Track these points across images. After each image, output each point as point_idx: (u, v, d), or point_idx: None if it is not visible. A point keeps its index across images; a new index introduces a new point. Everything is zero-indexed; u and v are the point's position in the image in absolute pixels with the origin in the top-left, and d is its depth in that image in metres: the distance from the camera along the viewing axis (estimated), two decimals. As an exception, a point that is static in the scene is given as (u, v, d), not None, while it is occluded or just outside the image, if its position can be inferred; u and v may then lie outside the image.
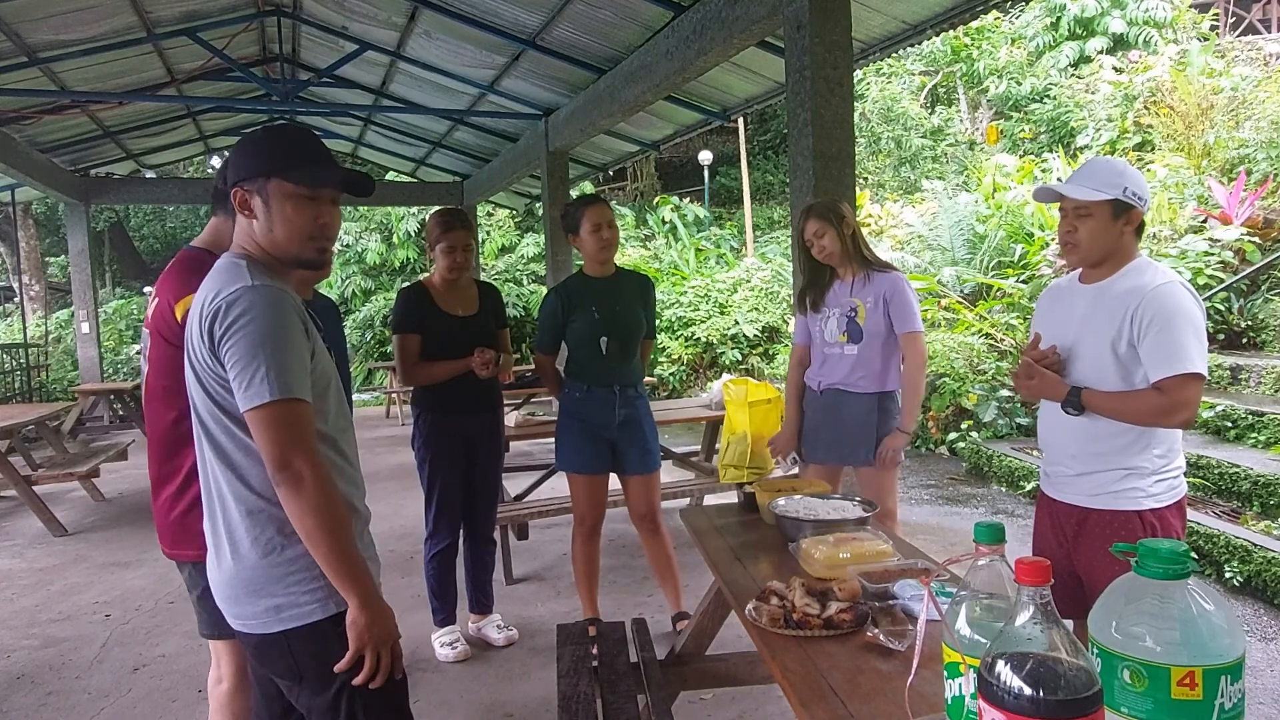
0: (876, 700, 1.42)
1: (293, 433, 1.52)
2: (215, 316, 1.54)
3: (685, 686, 2.83)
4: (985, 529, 1.17)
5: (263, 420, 1.51)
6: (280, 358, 1.53)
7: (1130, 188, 2.14)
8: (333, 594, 1.60)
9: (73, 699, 3.41)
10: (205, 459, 1.65)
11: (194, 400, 1.64)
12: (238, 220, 1.67)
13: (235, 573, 1.62)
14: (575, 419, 3.52)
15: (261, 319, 1.53)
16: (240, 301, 1.53)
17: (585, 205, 3.46)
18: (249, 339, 1.52)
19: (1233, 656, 1.02)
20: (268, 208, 1.63)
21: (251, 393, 1.51)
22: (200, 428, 1.64)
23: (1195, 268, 7.29)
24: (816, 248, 3.28)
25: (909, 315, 3.22)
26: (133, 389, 10.42)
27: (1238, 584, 4.12)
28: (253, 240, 1.66)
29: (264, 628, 1.62)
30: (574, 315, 3.47)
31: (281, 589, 1.59)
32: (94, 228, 13.73)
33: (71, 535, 5.87)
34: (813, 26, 4.23)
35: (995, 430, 7.14)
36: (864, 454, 3.25)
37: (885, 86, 16.43)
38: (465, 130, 10.37)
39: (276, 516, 1.58)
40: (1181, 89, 10.47)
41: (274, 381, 1.51)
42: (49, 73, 7.40)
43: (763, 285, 12.32)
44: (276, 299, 1.56)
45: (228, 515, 1.62)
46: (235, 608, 1.65)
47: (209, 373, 1.59)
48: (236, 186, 1.64)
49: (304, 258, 1.67)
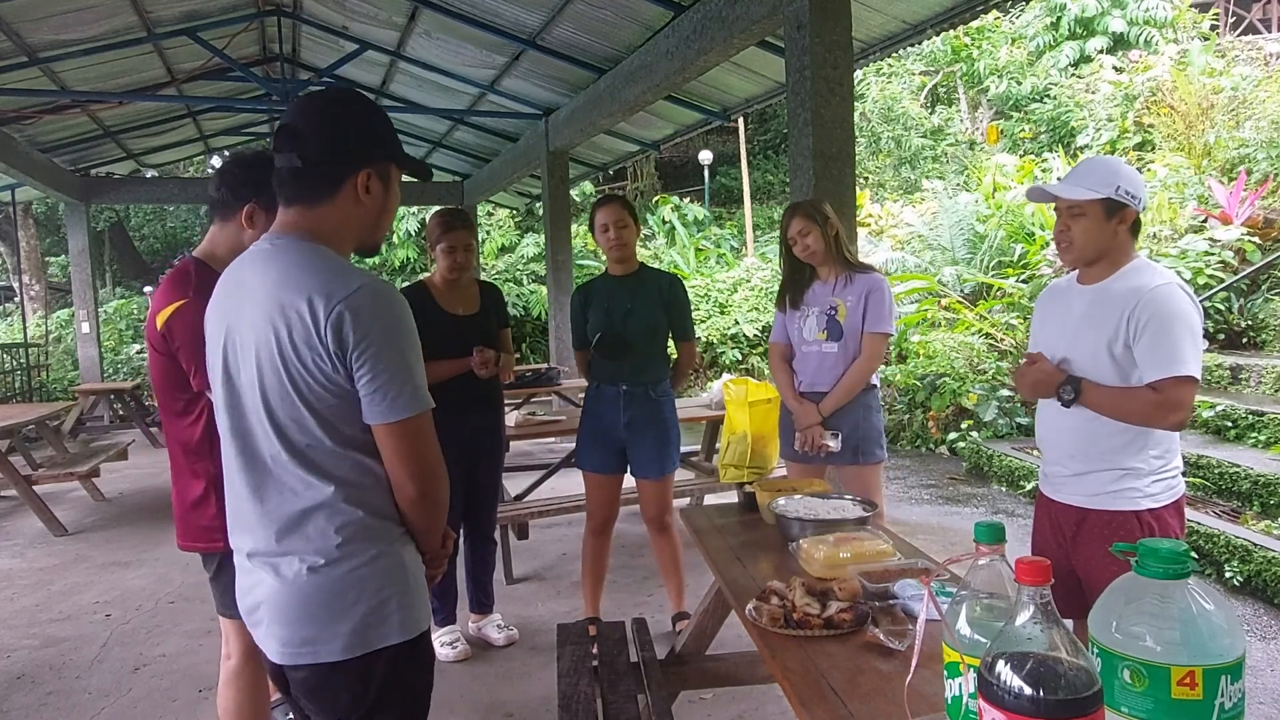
0: (876, 700, 1.43)
1: (433, 445, 1.50)
2: (343, 319, 1.39)
3: (685, 686, 2.83)
4: (985, 529, 1.17)
5: (408, 433, 1.46)
6: (419, 367, 1.47)
7: (1124, 186, 2.14)
8: (412, 616, 1.51)
9: (73, 699, 3.41)
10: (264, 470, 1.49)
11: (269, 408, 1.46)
12: (334, 200, 1.50)
13: (312, 590, 1.46)
14: (590, 417, 3.57)
15: (399, 324, 1.44)
16: (372, 302, 1.41)
17: (598, 205, 3.50)
18: (393, 347, 1.42)
19: (1233, 656, 1.02)
20: (387, 191, 1.56)
21: (400, 405, 1.43)
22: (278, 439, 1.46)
23: (1195, 267, 7.29)
24: (800, 246, 3.26)
25: (882, 316, 3.21)
26: (132, 389, 10.42)
27: (1238, 584, 4.12)
28: (341, 222, 1.52)
29: (340, 653, 1.46)
30: (591, 312, 3.52)
31: (370, 606, 1.46)
32: (94, 227, 13.74)
33: (72, 535, 5.87)
34: (813, 26, 4.24)
35: (995, 430, 7.14)
36: (846, 454, 3.23)
37: (885, 86, 16.44)
38: (465, 130, 10.37)
39: (371, 526, 1.48)
40: (1182, 89, 10.48)
41: (420, 393, 1.46)
42: (49, 72, 7.40)
43: (763, 285, 12.32)
44: (398, 298, 1.47)
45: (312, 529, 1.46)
46: (301, 630, 1.47)
47: (318, 380, 1.42)
48: (366, 167, 1.51)
49: (380, 241, 1.66)
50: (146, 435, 9.60)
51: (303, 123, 1.51)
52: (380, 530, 1.49)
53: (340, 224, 1.52)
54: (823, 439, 3.21)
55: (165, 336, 2.17)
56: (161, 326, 2.17)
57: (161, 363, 2.21)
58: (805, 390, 3.31)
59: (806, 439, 3.24)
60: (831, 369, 3.24)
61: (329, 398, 1.43)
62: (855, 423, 3.23)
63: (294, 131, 1.50)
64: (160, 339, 2.18)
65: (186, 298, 2.13)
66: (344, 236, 1.54)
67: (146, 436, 9.58)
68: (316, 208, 1.50)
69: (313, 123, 1.51)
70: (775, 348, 3.46)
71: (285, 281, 1.44)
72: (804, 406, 3.27)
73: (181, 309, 2.13)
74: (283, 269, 1.46)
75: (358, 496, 1.47)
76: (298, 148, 1.49)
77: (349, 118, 1.54)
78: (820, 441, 3.21)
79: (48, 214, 19.07)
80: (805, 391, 3.31)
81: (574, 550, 5.03)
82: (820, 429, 3.22)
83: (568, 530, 5.37)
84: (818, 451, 3.22)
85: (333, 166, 1.50)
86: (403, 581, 1.50)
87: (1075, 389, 2.18)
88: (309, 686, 1.52)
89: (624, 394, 3.48)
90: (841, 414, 3.23)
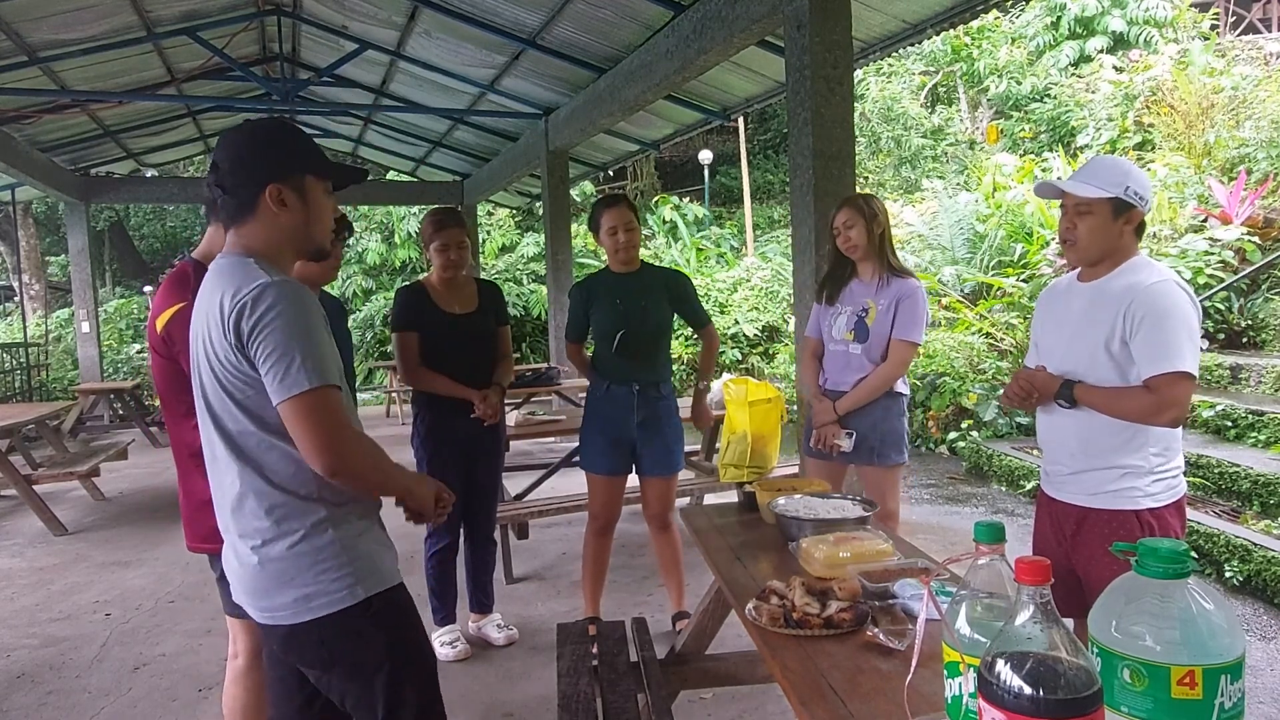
0: (876, 699, 1.42)
1: (334, 418, 1.57)
2: (241, 313, 1.55)
3: (685, 686, 2.83)
4: (985, 528, 1.17)
5: (303, 408, 1.54)
6: (313, 347, 1.56)
7: (1133, 187, 2.14)
8: (360, 579, 1.64)
9: (73, 698, 3.41)
10: (218, 459, 1.66)
11: (208, 402, 1.65)
12: (255, 217, 1.66)
13: (260, 567, 1.64)
14: (598, 419, 3.54)
15: (290, 310, 1.56)
16: (265, 296, 1.55)
17: (604, 208, 3.48)
18: (281, 331, 1.54)
19: (1233, 656, 1.02)
20: (304, 202, 1.70)
21: (289, 383, 1.53)
22: (215, 429, 1.65)
23: (1195, 267, 7.29)
24: (843, 237, 3.24)
25: (912, 323, 3.19)
26: (132, 388, 10.43)
27: (1238, 583, 4.12)
28: (269, 236, 1.67)
29: (293, 618, 1.64)
30: (596, 308, 3.50)
31: (310, 578, 1.62)
32: (94, 227, 13.74)
33: (72, 534, 5.87)
34: (813, 25, 4.24)
35: (995, 429, 7.14)
36: (867, 454, 3.24)
37: (885, 86, 16.43)
38: (465, 129, 10.37)
39: (300, 509, 1.63)
40: (1182, 88, 10.47)
41: (311, 370, 1.54)
42: (49, 72, 7.40)
43: (763, 285, 12.32)
44: (299, 292, 1.60)
45: (248, 512, 1.64)
46: (262, 600, 1.66)
47: (231, 371, 1.59)
48: (272, 183, 1.65)
49: (324, 246, 1.78)
50: (146, 435, 9.60)
51: (219, 155, 1.69)
52: (305, 509, 1.63)
53: (269, 237, 1.68)
54: (836, 438, 3.22)
55: (166, 340, 2.17)
56: (162, 330, 2.17)
57: (164, 366, 2.21)
58: (829, 389, 3.31)
59: (821, 436, 3.26)
60: (855, 370, 3.24)
61: (245, 387, 1.59)
62: (874, 423, 3.22)
63: (214, 164, 1.70)
64: (162, 342, 2.19)
65: (185, 300, 2.12)
66: (277, 248, 1.69)
67: (146, 436, 9.59)
68: (243, 226, 1.68)
69: (222, 154, 1.69)
70: (807, 341, 3.48)
71: (214, 290, 1.63)
72: (821, 403, 3.28)
73: (181, 312, 2.12)
74: (214, 280, 1.65)
75: (282, 480, 1.62)
76: (216, 178, 1.69)
77: (250, 144, 1.69)
78: (833, 440, 3.22)
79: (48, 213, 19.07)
80: (828, 389, 3.31)
81: (574, 550, 5.03)
82: (835, 427, 3.23)
83: (568, 530, 5.37)
84: (830, 450, 3.24)
85: (243, 189, 1.66)
86: (337, 554, 1.64)
87: (1070, 393, 2.18)
88: (283, 643, 1.70)
89: (637, 394, 3.48)
90: (860, 414, 3.23)
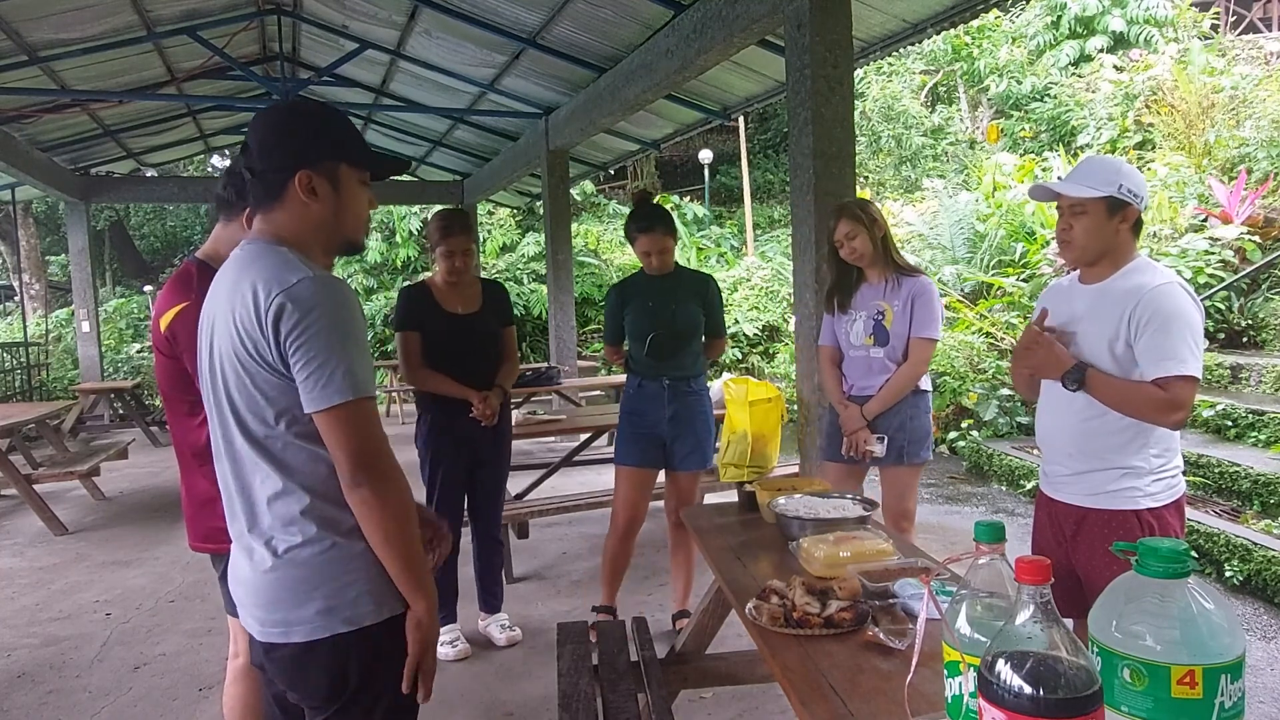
0: (876, 699, 1.42)
1: (373, 431, 1.48)
2: (281, 311, 1.43)
3: (685, 685, 2.83)
4: (985, 528, 1.18)
5: (340, 420, 1.45)
6: (355, 354, 1.47)
7: (1126, 185, 2.14)
8: (386, 598, 1.53)
9: (73, 698, 3.41)
10: (240, 458, 1.55)
11: (230, 399, 1.53)
12: (283, 205, 1.55)
13: (280, 574, 1.51)
14: (633, 415, 3.59)
15: (335, 313, 1.46)
16: (308, 295, 1.44)
17: (640, 232, 3.48)
18: (323, 335, 1.44)
19: (1233, 655, 1.02)
20: (337, 192, 1.58)
21: (330, 391, 1.44)
22: (237, 427, 1.53)
23: (1196, 267, 7.29)
24: (847, 249, 3.25)
25: (929, 320, 3.20)
26: (132, 388, 10.42)
27: (1238, 583, 4.12)
28: (297, 227, 1.56)
29: (309, 634, 1.50)
30: (630, 309, 3.55)
31: (333, 590, 1.50)
32: (94, 226, 13.73)
33: (72, 534, 5.87)
34: (813, 25, 4.23)
35: (995, 429, 7.14)
36: (896, 454, 3.24)
37: (886, 85, 16.43)
38: (465, 129, 10.37)
39: (328, 515, 1.51)
40: (1182, 87, 10.47)
41: (352, 382, 1.45)
42: (49, 71, 7.40)
43: (763, 284, 12.33)
44: (342, 292, 1.50)
45: (264, 516, 1.53)
46: (274, 613, 1.52)
47: (264, 370, 1.47)
48: (303, 169, 1.54)
49: (357, 240, 1.67)
50: (147, 434, 9.60)
51: (251, 136, 1.60)
52: (338, 518, 1.51)
53: (297, 227, 1.57)
54: (868, 444, 3.22)
55: (170, 339, 2.17)
56: (165, 330, 2.17)
57: (167, 365, 2.21)
58: (854, 395, 3.31)
59: (852, 444, 3.25)
60: (879, 373, 3.25)
61: (276, 386, 1.49)
62: (902, 423, 3.23)
63: (245, 145, 1.62)
64: (165, 342, 2.18)
65: (189, 300, 2.12)
66: (306, 238, 1.58)
67: (147, 435, 9.58)
68: (270, 212, 1.57)
69: (255, 135, 1.59)
70: (823, 350, 3.48)
71: (241, 277, 1.51)
72: (849, 410, 3.28)
73: (184, 311, 2.12)
74: (241, 267, 1.54)
75: (313, 485, 1.51)
76: (247, 159, 1.60)
77: (282, 125, 1.59)
78: (865, 447, 3.22)
79: (48, 213, 19.07)
80: (853, 395, 3.31)
81: (574, 550, 5.04)
82: (866, 432, 3.23)
83: (568, 530, 5.37)
84: (862, 456, 3.24)
85: (272, 173, 1.56)
86: (366, 567, 1.52)
87: (1081, 376, 2.17)
88: (287, 666, 1.56)
89: (668, 388, 3.52)
90: (888, 415, 3.23)
